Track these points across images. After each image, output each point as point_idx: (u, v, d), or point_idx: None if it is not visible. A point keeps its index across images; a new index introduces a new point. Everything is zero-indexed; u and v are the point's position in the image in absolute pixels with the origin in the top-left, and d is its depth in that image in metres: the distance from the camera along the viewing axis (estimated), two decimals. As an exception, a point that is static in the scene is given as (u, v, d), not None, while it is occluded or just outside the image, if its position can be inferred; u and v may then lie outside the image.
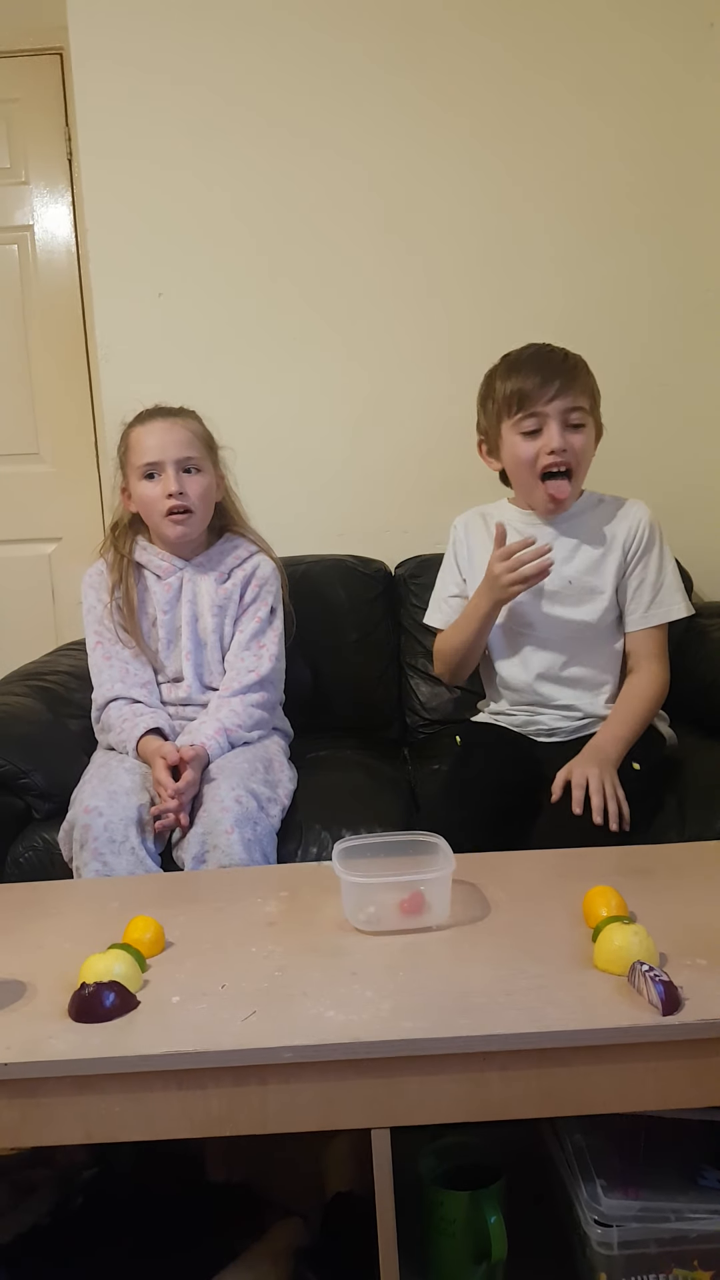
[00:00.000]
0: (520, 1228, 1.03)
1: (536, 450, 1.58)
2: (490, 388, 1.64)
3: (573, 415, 1.57)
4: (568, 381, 1.56)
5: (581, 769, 1.45)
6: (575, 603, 1.63)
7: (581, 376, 1.59)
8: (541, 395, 1.56)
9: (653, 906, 1.10)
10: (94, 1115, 0.91)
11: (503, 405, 1.60)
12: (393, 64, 2.22)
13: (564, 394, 1.56)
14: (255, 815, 1.49)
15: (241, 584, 1.78)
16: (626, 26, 2.20)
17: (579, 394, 1.57)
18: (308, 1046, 0.90)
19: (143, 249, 2.27)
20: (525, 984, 0.97)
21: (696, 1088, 0.92)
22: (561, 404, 1.56)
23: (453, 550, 1.76)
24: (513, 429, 1.59)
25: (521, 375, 1.58)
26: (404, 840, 1.18)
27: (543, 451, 1.57)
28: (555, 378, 1.56)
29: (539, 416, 1.57)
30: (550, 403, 1.56)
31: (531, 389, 1.56)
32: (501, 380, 1.61)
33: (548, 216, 2.27)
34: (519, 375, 1.58)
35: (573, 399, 1.56)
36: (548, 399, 1.56)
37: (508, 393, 1.59)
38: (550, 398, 1.55)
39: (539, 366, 1.58)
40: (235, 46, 2.21)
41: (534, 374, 1.57)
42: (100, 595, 1.76)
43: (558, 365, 1.58)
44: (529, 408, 1.57)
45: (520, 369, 1.59)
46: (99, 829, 1.45)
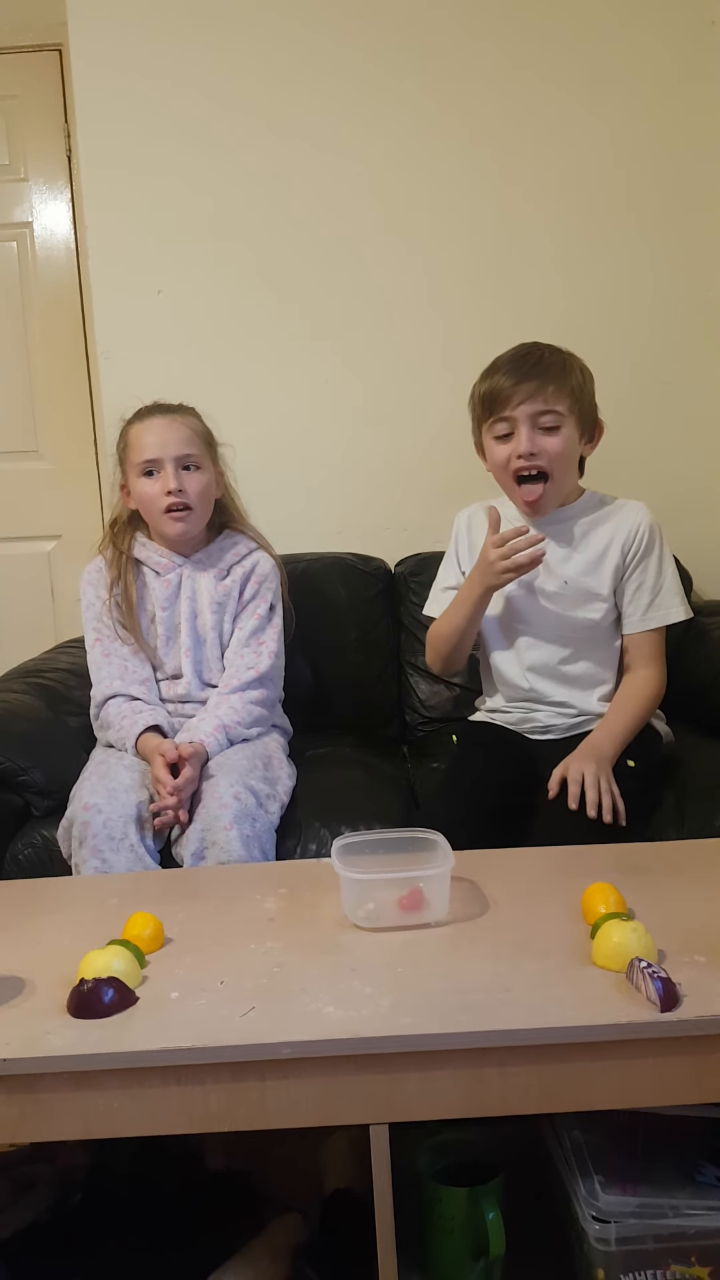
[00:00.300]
0: (518, 1224, 1.03)
1: (509, 454, 1.56)
2: (474, 391, 1.63)
3: (544, 418, 1.54)
4: (540, 384, 1.53)
5: (577, 765, 1.45)
6: (572, 604, 1.62)
7: (558, 377, 1.54)
8: (510, 398, 1.53)
9: (651, 903, 1.10)
10: (93, 1111, 0.91)
11: (479, 407, 1.60)
12: (392, 64, 2.22)
13: (534, 397, 1.52)
14: (254, 812, 1.49)
15: (241, 581, 1.78)
16: (626, 26, 2.20)
17: (552, 396, 1.53)
18: (307, 1042, 0.90)
19: (142, 246, 2.27)
20: (524, 980, 0.97)
21: (695, 1084, 0.92)
22: (530, 407, 1.53)
23: (455, 543, 1.75)
24: (488, 432, 1.59)
25: (495, 377, 1.56)
26: (403, 837, 1.18)
27: (513, 455, 1.55)
28: (526, 380, 1.53)
29: (509, 420, 1.55)
30: (519, 406, 1.53)
31: (500, 392, 1.54)
32: (479, 382, 1.60)
33: (547, 217, 2.27)
34: (493, 377, 1.57)
35: (544, 402, 1.53)
36: (516, 402, 1.53)
37: (483, 396, 1.58)
38: (519, 401, 1.53)
39: (513, 368, 1.55)
40: (236, 42, 2.21)
41: (506, 376, 1.54)
42: (99, 592, 1.76)
43: (531, 367, 1.54)
44: (499, 411, 1.55)
45: (495, 371, 1.57)
46: (98, 826, 1.45)
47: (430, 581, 2.15)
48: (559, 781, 1.45)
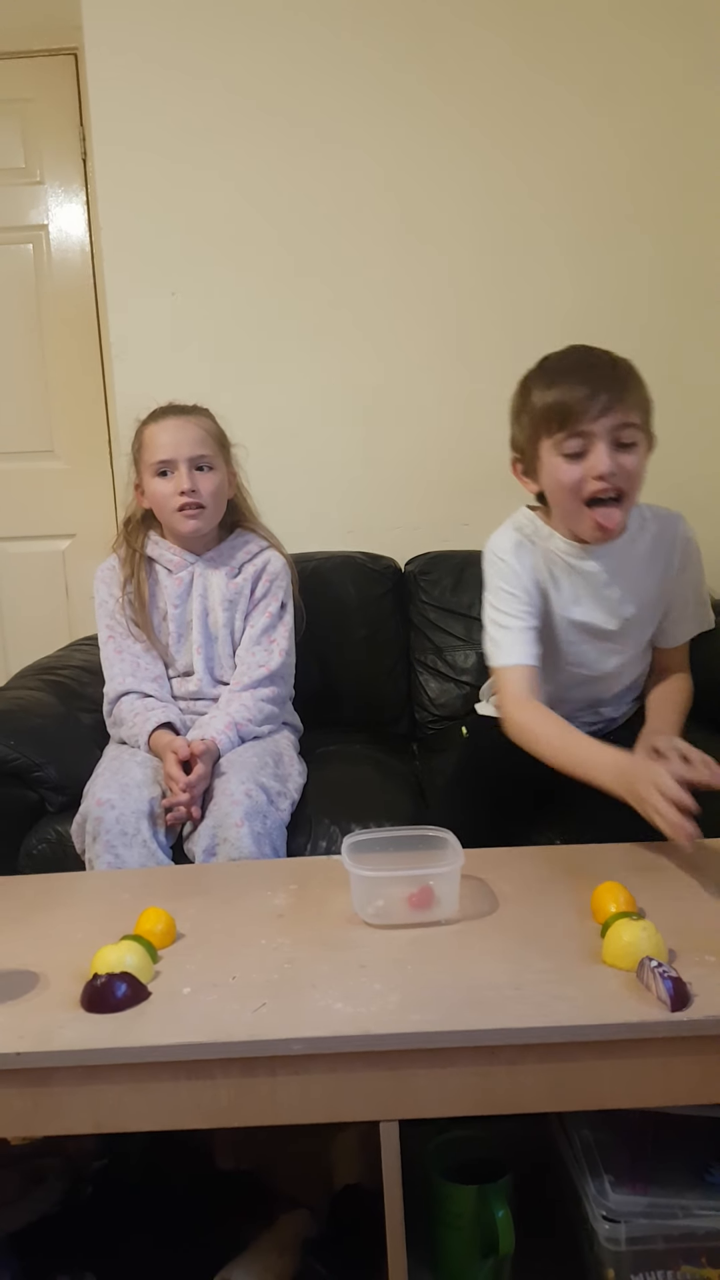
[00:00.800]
0: (528, 1222, 1.04)
1: (582, 474, 1.34)
2: (526, 399, 1.39)
3: (624, 433, 1.33)
4: (619, 393, 1.32)
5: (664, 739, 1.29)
6: (626, 639, 1.49)
7: (634, 385, 1.35)
8: (588, 411, 1.31)
9: (662, 903, 1.10)
10: (104, 1105, 0.92)
11: (541, 421, 1.35)
12: (406, 64, 2.22)
13: (614, 409, 1.31)
14: (265, 809, 1.49)
15: (252, 579, 1.79)
16: (634, 27, 2.20)
17: (631, 407, 1.33)
18: (317, 1038, 0.90)
19: (156, 248, 2.28)
20: (533, 978, 0.97)
21: (705, 1084, 0.92)
22: (611, 420, 1.31)
23: (510, 579, 1.44)
24: (554, 449, 1.35)
25: (564, 386, 1.33)
26: (413, 835, 1.18)
27: (589, 476, 1.33)
28: (604, 389, 1.31)
29: (585, 436, 1.32)
30: (598, 419, 1.31)
31: (576, 403, 1.31)
32: (540, 391, 1.36)
33: (558, 216, 2.27)
34: (561, 386, 1.33)
35: (623, 414, 1.32)
36: (595, 415, 1.31)
37: (548, 406, 1.34)
38: (598, 414, 1.31)
39: (585, 375, 1.33)
40: (248, 50, 2.22)
41: (579, 384, 1.32)
42: (112, 590, 1.77)
43: (606, 374, 1.33)
44: (573, 425, 1.32)
45: (562, 378, 1.34)
46: (111, 821, 1.46)
47: (439, 580, 2.18)
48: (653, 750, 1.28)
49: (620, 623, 1.45)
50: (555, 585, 1.45)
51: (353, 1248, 1.06)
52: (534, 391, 1.38)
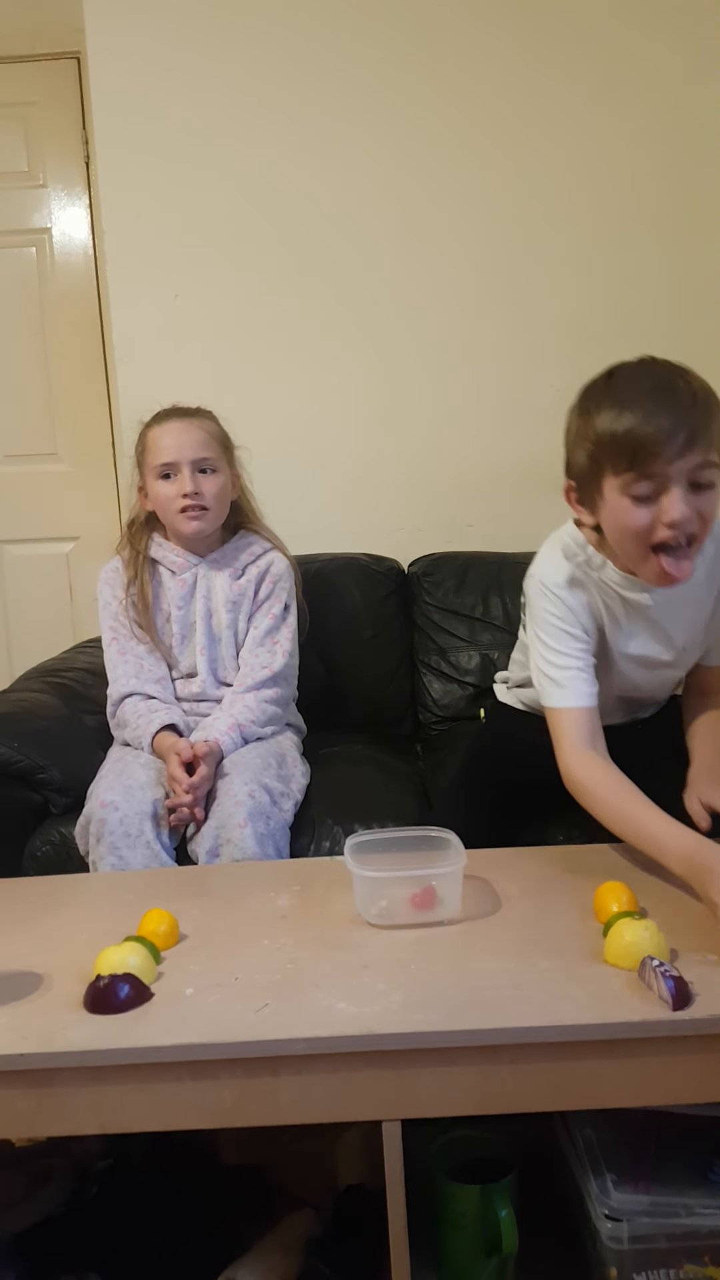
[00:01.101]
0: (531, 1222, 1.04)
1: (652, 519, 1.16)
2: (589, 422, 1.18)
3: (702, 474, 1.14)
4: (699, 429, 1.12)
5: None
6: (680, 666, 1.42)
7: (715, 418, 1.15)
8: (664, 451, 1.12)
9: (664, 902, 1.10)
10: (108, 1105, 0.92)
11: (608, 455, 1.16)
12: (407, 64, 2.23)
13: (694, 447, 1.12)
14: (268, 810, 1.50)
15: (256, 580, 1.79)
16: (635, 26, 2.21)
17: (712, 444, 1.14)
18: (320, 1039, 0.90)
19: (159, 251, 2.29)
20: (536, 978, 0.97)
21: (707, 1083, 0.92)
22: (689, 461, 1.13)
23: (567, 617, 1.31)
24: (620, 489, 1.17)
25: (638, 416, 1.13)
26: (416, 835, 1.18)
27: (660, 522, 1.16)
28: (683, 426, 1.12)
29: (658, 478, 1.14)
30: (675, 461, 1.13)
31: (651, 440, 1.12)
32: (609, 416, 1.16)
33: (560, 215, 2.28)
34: (634, 415, 1.13)
35: (703, 452, 1.13)
36: (672, 456, 1.12)
37: (617, 439, 1.15)
38: (676, 454, 1.12)
39: (662, 406, 1.13)
40: (249, 52, 2.23)
41: (654, 417, 1.12)
42: (115, 592, 1.78)
43: (685, 407, 1.13)
44: (646, 467, 1.14)
45: (636, 405, 1.14)
46: (114, 823, 1.47)
47: (443, 581, 2.18)
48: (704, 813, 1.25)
49: (675, 653, 1.37)
50: (611, 620, 1.34)
51: (356, 1247, 1.06)
52: (600, 415, 1.17)
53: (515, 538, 2.22)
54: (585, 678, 1.30)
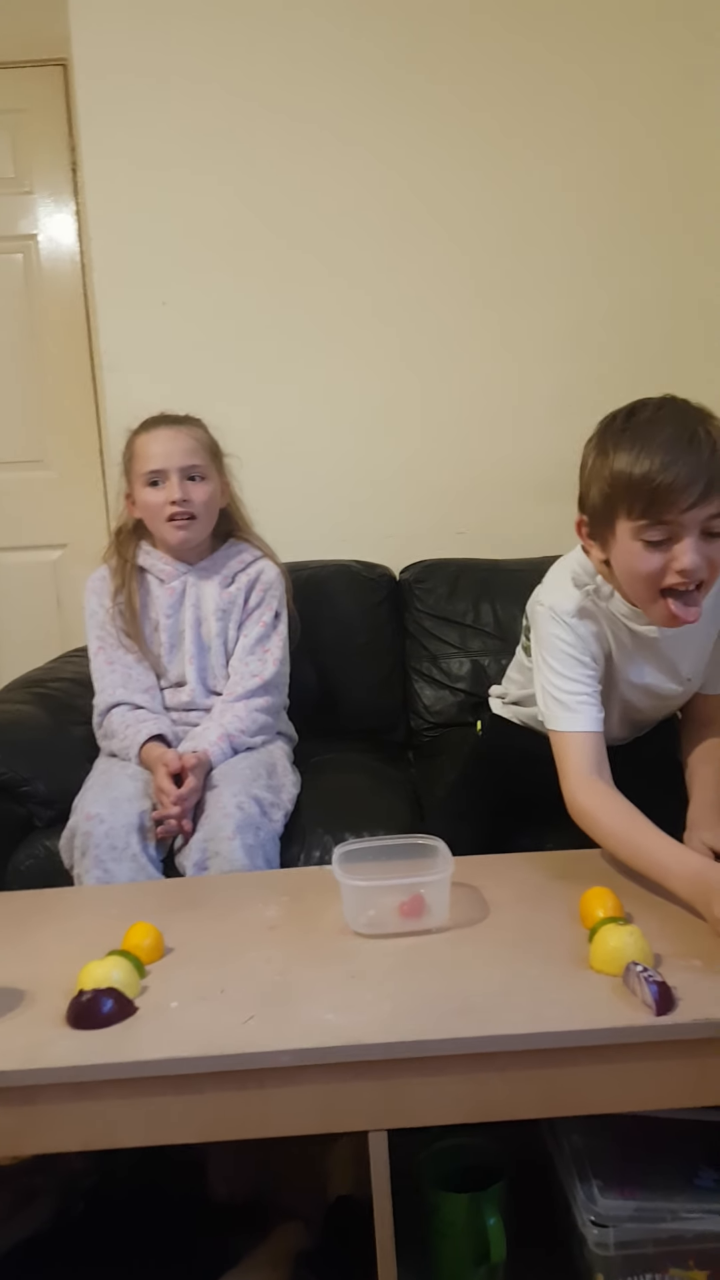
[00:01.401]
0: (521, 1229, 1.04)
1: (663, 564, 1.18)
2: (605, 460, 1.19)
3: (716, 523, 1.16)
4: (716, 480, 1.14)
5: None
6: (685, 694, 1.42)
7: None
8: (680, 500, 1.13)
9: (649, 907, 1.10)
10: (93, 1121, 0.92)
11: (623, 497, 1.17)
12: (403, 68, 2.23)
13: (709, 499, 1.14)
14: (258, 821, 1.49)
15: (245, 589, 1.79)
16: (633, 38, 2.22)
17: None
18: (307, 1050, 0.90)
19: (147, 257, 2.29)
20: (522, 985, 0.97)
21: (692, 1088, 0.93)
22: (704, 511, 1.14)
23: (576, 645, 1.31)
24: (632, 532, 1.18)
25: (656, 462, 1.14)
26: (404, 844, 1.18)
27: (671, 568, 1.17)
28: (701, 477, 1.13)
29: (671, 526, 1.15)
30: (689, 511, 1.14)
31: (668, 489, 1.13)
32: (625, 458, 1.16)
33: (557, 226, 2.28)
34: (652, 460, 1.14)
35: (718, 504, 1.15)
36: (687, 506, 1.13)
37: (633, 483, 1.15)
38: (691, 504, 1.13)
39: (680, 455, 1.13)
40: (236, 59, 2.23)
41: (672, 466, 1.13)
42: (103, 600, 1.77)
43: (705, 458, 1.14)
44: (660, 515, 1.15)
45: (655, 452, 1.15)
46: (100, 836, 1.46)
47: (435, 588, 2.18)
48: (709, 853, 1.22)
49: (681, 683, 1.38)
50: (620, 649, 1.34)
51: (346, 1259, 1.06)
52: (618, 456, 1.17)
53: (506, 545, 2.23)
54: (593, 704, 1.30)
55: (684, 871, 1.11)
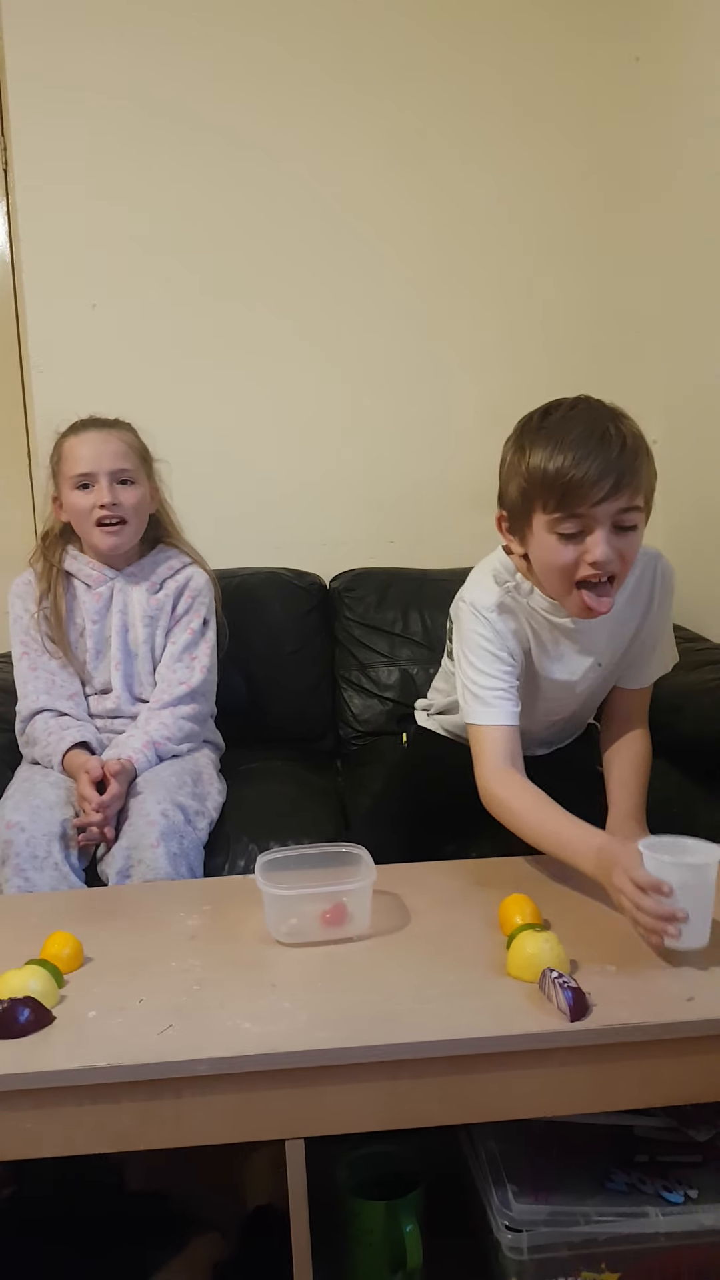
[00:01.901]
0: (440, 1236, 1.05)
1: (576, 557, 1.22)
2: (522, 457, 1.24)
3: (626, 516, 1.21)
4: (625, 475, 1.19)
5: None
6: (601, 685, 1.45)
7: (642, 464, 1.22)
8: (592, 494, 1.18)
9: (567, 913, 1.12)
10: (8, 1132, 0.90)
11: (538, 492, 1.22)
12: (328, 80, 2.26)
13: (619, 493, 1.19)
14: (182, 829, 1.49)
15: (174, 595, 1.78)
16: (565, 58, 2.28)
17: (638, 489, 1.21)
18: (223, 1059, 0.90)
19: (77, 260, 2.27)
20: (439, 992, 0.98)
21: (604, 1092, 0.95)
22: (615, 505, 1.20)
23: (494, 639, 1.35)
24: (547, 526, 1.23)
25: (569, 459, 1.19)
26: (327, 852, 1.19)
27: (584, 560, 1.22)
28: (611, 472, 1.18)
29: (583, 519, 1.21)
30: (600, 504, 1.19)
31: (580, 483, 1.18)
32: (541, 455, 1.21)
33: (487, 243, 2.33)
34: (564, 457, 1.19)
35: (629, 497, 1.20)
36: (599, 499, 1.19)
37: (547, 478, 1.20)
38: (602, 498, 1.19)
39: (591, 451, 1.18)
40: (169, 56, 2.23)
41: (584, 461, 1.18)
42: (27, 605, 1.75)
43: (615, 454, 1.19)
44: (572, 508, 1.20)
45: (568, 449, 1.19)
46: (21, 844, 1.43)
47: (364, 597, 2.20)
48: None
49: (600, 674, 1.41)
50: (538, 644, 1.38)
51: (265, 1269, 1.06)
52: (534, 453, 1.22)
53: (436, 554, 2.25)
54: (509, 698, 1.33)
55: (587, 848, 1.16)
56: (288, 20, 2.24)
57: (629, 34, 2.28)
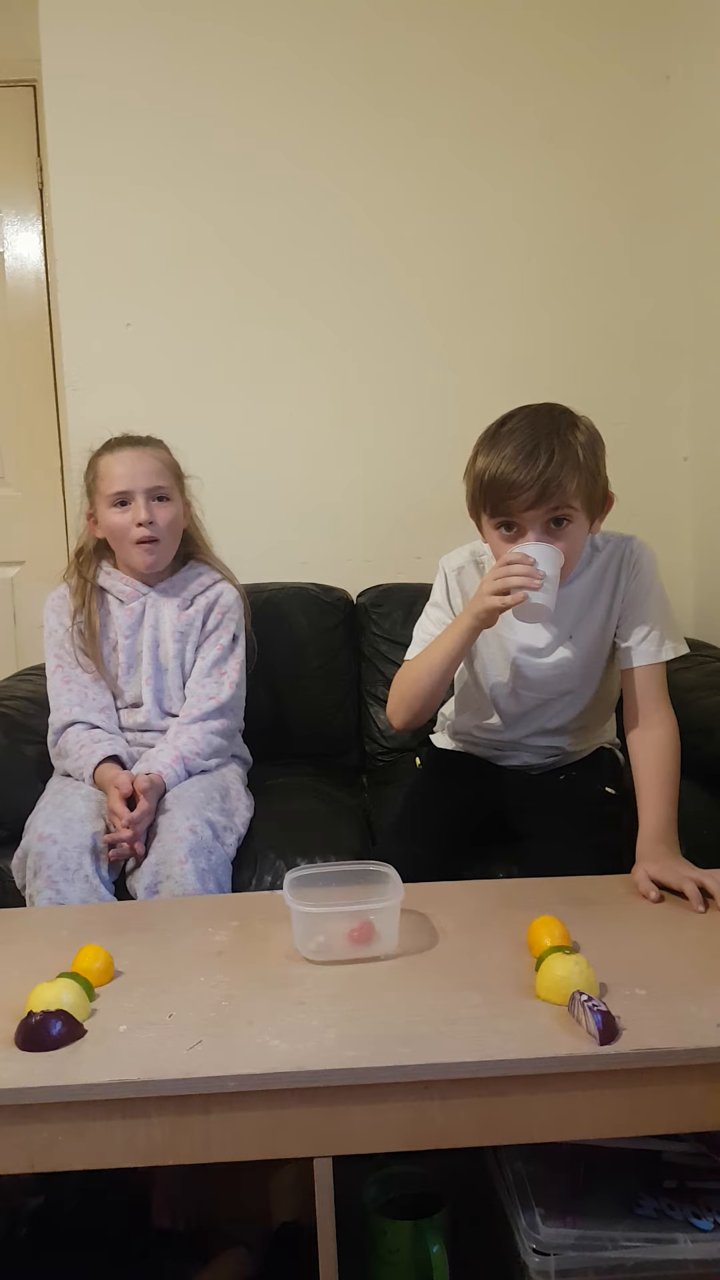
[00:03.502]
0: (465, 1256, 1.04)
1: None
2: (473, 462, 1.39)
3: (556, 514, 1.34)
4: (551, 488, 1.31)
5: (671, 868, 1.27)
6: (574, 663, 1.50)
7: (569, 473, 1.31)
8: (515, 503, 1.33)
9: (595, 936, 1.12)
10: (37, 1144, 0.91)
11: (477, 493, 1.38)
12: (359, 99, 2.28)
13: (544, 502, 1.32)
14: (210, 845, 1.49)
15: (204, 611, 1.79)
16: (591, 77, 2.29)
17: (566, 496, 1.32)
18: (251, 1075, 0.91)
19: (111, 279, 2.30)
20: (468, 1013, 0.98)
21: (633, 1117, 0.94)
22: (539, 512, 1.33)
23: (444, 593, 1.55)
24: (490, 525, 1.39)
25: (498, 465, 1.32)
26: (355, 869, 1.19)
27: None
28: (533, 484, 1.30)
29: (517, 522, 1.35)
30: (527, 511, 1.33)
31: (505, 491, 1.32)
32: (483, 462, 1.36)
33: (509, 259, 2.33)
34: (496, 463, 1.33)
35: (555, 504, 1.32)
36: (523, 508, 1.33)
37: (483, 486, 1.35)
38: (526, 507, 1.32)
39: (520, 466, 1.31)
40: (202, 84, 2.26)
41: (511, 471, 1.31)
42: (62, 619, 1.77)
43: (541, 465, 1.30)
44: (505, 513, 1.35)
45: (500, 458, 1.33)
46: (53, 857, 1.45)
47: (391, 612, 2.20)
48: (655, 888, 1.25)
49: (573, 650, 1.48)
50: None
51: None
52: (480, 458, 1.37)
53: (462, 570, 2.26)
54: None
55: (463, 614, 1.40)
56: (320, 41, 2.26)
57: (660, 52, 2.29)
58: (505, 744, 1.60)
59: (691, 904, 1.20)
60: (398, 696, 1.52)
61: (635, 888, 1.26)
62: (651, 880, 1.25)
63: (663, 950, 1.10)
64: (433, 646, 1.47)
